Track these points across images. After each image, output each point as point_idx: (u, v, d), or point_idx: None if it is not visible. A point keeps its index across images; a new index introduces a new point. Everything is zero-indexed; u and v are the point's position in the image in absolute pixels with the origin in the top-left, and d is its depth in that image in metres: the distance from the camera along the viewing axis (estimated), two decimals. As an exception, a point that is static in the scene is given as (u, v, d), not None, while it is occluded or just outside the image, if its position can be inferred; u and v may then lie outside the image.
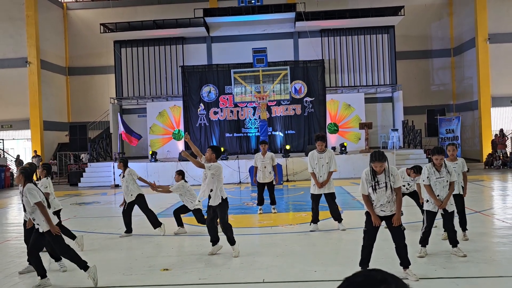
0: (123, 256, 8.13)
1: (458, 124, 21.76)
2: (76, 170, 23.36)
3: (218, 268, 7.05)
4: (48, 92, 28.32)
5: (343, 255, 7.46)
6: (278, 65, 23.64)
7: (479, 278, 6.19)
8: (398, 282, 1.16)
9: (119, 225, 11.33)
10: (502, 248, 7.67)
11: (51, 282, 6.52)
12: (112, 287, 6.34)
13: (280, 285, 6.19)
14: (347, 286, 1.15)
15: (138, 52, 27.48)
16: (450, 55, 29.23)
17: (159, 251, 8.23)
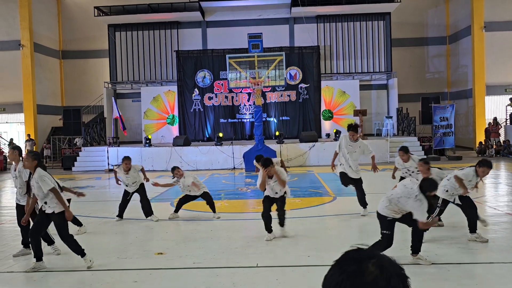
0: (118, 240, 8.16)
1: (452, 112, 21.83)
2: (69, 154, 23.28)
3: (213, 252, 7.09)
4: (42, 76, 28.10)
5: (337, 241, 7.53)
6: (274, 51, 23.53)
7: (470, 264, 6.28)
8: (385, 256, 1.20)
9: (114, 209, 11.35)
10: (493, 235, 7.76)
11: (45, 265, 6.55)
12: (107, 270, 6.38)
13: (273, 269, 6.25)
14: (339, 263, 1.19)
15: (132, 36, 27.27)
16: (445, 43, 29.21)
17: (153, 236, 8.27)
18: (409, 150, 9.55)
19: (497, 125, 23.74)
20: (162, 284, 5.80)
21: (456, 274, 5.83)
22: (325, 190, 13.28)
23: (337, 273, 1.15)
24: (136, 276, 6.10)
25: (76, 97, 29.55)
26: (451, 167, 18.14)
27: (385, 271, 1.13)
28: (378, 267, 1.13)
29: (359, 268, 1.13)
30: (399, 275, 1.14)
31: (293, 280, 5.81)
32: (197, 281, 5.85)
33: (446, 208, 8.08)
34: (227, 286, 5.66)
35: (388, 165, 19.37)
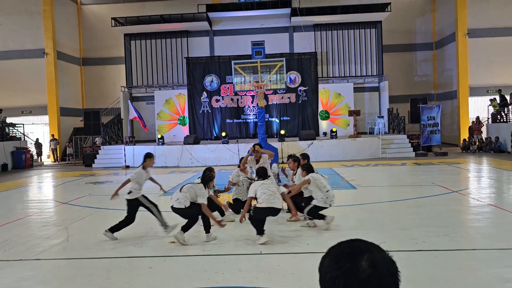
0: (134, 231, 8.19)
1: (439, 112, 21.77)
2: (90, 152, 23.35)
3: (220, 241, 7.12)
4: (64, 81, 28.18)
5: (333, 230, 7.54)
6: (275, 57, 23.50)
7: (455, 250, 6.27)
8: (379, 249, 1.19)
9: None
10: (476, 224, 7.76)
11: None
12: (124, 258, 6.41)
13: (275, 256, 6.27)
14: (335, 257, 1.18)
15: (146, 44, 27.29)
16: (432, 49, 29.11)
17: (166, 226, 8.28)
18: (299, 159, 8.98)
19: (480, 123, 23.66)
20: (174, 269, 5.83)
21: (442, 259, 5.83)
22: (322, 183, 13.26)
23: (333, 268, 1.15)
24: (151, 262, 6.14)
25: (95, 100, 29.62)
26: (438, 162, 18.14)
27: (377, 268, 1.12)
28: (371, 265, 1.12)
29: (354, 267, 1.12)
30: (390, 272, 1.14)
31: (294, 265, 5.83)
32: (206, 266, 5.88)
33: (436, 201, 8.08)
34: (233, 270, 5.68)
35: (380, 161, 19.38)
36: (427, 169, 16.19)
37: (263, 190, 7.08)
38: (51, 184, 16.68)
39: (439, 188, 11.51)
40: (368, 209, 9.27)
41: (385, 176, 15.52)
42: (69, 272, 5.93)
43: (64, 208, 10.92)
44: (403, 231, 7.26)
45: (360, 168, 17.49)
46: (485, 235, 7.00)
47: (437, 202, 9.76)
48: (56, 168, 22.69)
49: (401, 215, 8.60)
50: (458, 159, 19.12)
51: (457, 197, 10.31)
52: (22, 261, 6.44)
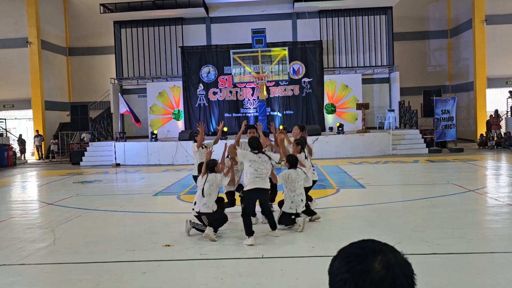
0: (126, 233, 8.20)
1: (454, 105, 21.75)
2: (77, 149, 23.36)
3: (219, 244, 7.13)
4: (49, 72, 28.15)
5: (340, 232, 7.55)
6: (277, 46, 23.48)
7: (471, 254, 6.28)
8: (393, 250, 1.19)
9: (122, 202, 11.43)
10: (495, 226, 7.77)
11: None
12: (115, 262, 6.43)
13: (278, 260, 6.29)
14: (346, 258, 1.18)
15: (138, 33, 27.25)
16: (447, 36, 29.04)
17: (161, 228, 8.31)
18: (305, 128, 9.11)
19: (498, 117, 23.64)
20: (169, 274, 5.84)
21: (458, 263, 5.85)
22: (328, 182, 13.30)
23: (343, 269, 1.15)
24: (145, 267, 6.15)
25: (83, 93, 29.60)
26: (453, 159, 18.15)
27: (391, 270, 1.12)
28: (384, 266, 1.12)
29: (366, 268, 1.13)
30: (405, 274, 1.14)
31: (297, 270, 5.84)
32: (204, 271, 5.90)
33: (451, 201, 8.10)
34: (233, 276, 5.70)
35: (391, 158, 19.39)
36: (441, 167, 16.20)
37: (252, 169, 7.11)
38: (36, 183, 16.71)
39: (455, 187, 11.52)
40: (378, 210, 9.28)
41: (396, 174, 15.53)
42: (56, 278, 5.95)
43: (50, 209, 10.93)
44: (416, 233, 7.27)
45: (369, 165, 17.50)
46: (504, 237, 7.01)
47: (452, 202, 9.77)
48: (41, 167, 22.71)
49: (413, 216, 8.61)
50: (475, 156, 19.12)
51: (474, 197, 10.32)
52: (5, 266, 6.45)
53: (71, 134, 26.53)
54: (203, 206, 7.34)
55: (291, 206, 7.64)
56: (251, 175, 7.11)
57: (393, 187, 12.95)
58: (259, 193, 7.19)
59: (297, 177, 7.71)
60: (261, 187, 7.12)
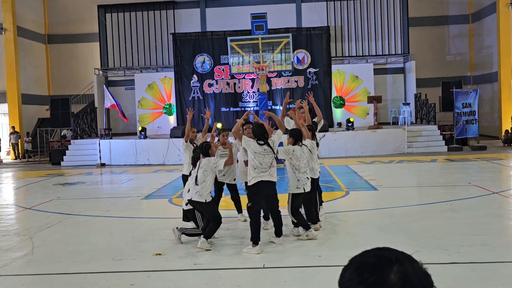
0: (112, 240, 8.21)
1: (476, 97, 21.73)
2: (58, 147, 23.36)
3: (215, 252, 7.13)
4: (26, 62, 28.13)
5: (350, 239, 7.55)
6: (279, 33, 23.46)
7: (496, 263, 6.28)
8: (410, 260, 1.19)
9: (107, 207, 11.44)
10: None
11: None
12: (101, 273, 6.44)
13: (281, 271, 6.29)
14: (358, 268, 1.18)
15: (124, 18, 27.21)
16: (468, 22, 29.00)
17: (151, 235, 8.31)
18: None
19: (525, 111, 23.63)
20: (160, 286, 5.85)
21: (480, 274, 5.85)
22: (336, 184, 13.31)
23: (355, 280, 1.15)
24: (133, 278, 6.16)
25: (64, 85, 29.56)
26: (475, 158, 18.15)
27: (408, 282, 1.12)
28: (401, 278, 1.12)
29: (380, 279, 1.12)
30: (423, 286, 1.14)
31: (303, 281, 5.85)
32: (198, 283, 5.90)
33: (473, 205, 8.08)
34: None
35: (406, 157, 19.40)
36: (462, 166, 16.20)
37: (256, 162, 7.11)
38: (12, 185, 16.72)
39: (477, 188, 11.52)
40: (391, 214, 9.28)
41: (411, 175, 15.54)
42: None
43: (28, 214, 10.94)
44: (434, 240, 7.27)
45: (381, 165, 17.50)
46: (532, 245, 7.02)
47: (474, 206, 9.78)
48: (18, 167, 22.73)
49: (431, 221, 8.62)
50: (499, 154, 19.12)
51: (498, 200, 10.33)
52: (-22, 277, 6.46)
53: (50, 131, 26.51)
54: (196, 194, 7.29)
55: (298, 185, 7.58)
56: (255, 169, 7.11)
57: (409, 189, 12.96)
58: (266, 186, 7.17)
59: (302, 154, 7.66)
60: (267, 180, 7.13)
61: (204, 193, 7.29)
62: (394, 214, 9.29)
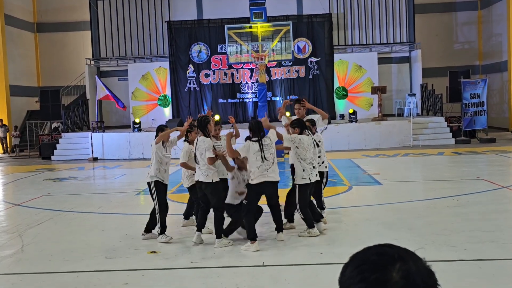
0: (105, 238, 8.23)
1: (485, 87, 21.72)
2: (48, 141, 23.34)
3: (212, 250, 7.14)
4: (14, 52, 28.05)
5: (353, 235, 7.57)
6: (279, 20, 23.37)
7: (504, 260, 6.31)
8: (413, 257, 1.19)
9: (100, 203, 11.46)
10: (531, 227, 7.80)
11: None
12: (93, 272, 6.45)
13: (281, 269, 6.31)
14: (359, 266, 1.19)
15: (117, 5, 27.11)
16: (476, 8, 28.95)
17: (145, 232, 8.32)
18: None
19: (536, 102, 23.64)
20: (156, 286, 5.87)
21: (489, 271, 5.87)
22: (339, 178, 13.33)
23: (356, 278, 1.15)
24: (127, 277, 6.18)
25: (54, 76, 29.51)
26: (483, 151, 18.17)
27: (411, 281, 1.12)
28: (403, 276, 1.12)
29: (382, 277, 1.13)
30: (427, 284, 1.14)
31: (304, 280, 5.87)
32: (195, 282, 5.92)
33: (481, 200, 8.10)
34: (229, 287, 5.72)
35: (412, 150, 19.42)
36: (470, 160, 16.23)
37: (259, 162, 7.13)
38: (0, 181, 16.72)
39: (485, 183, 11.55)
40: (396, 210, 9.31)
41: (417, 169, 15.57)
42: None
43: (17, 210, 10.96)
44: (440, 237, 7.30)
45: (386, 159, 17.52)
46: (542, 241, 7.04)
47: (482, 201, 9.80)
48: (6, 161, 22.72)
49: (437, 217, 8.64)
50: (509, 147, 19.13)
51: (508, 194, 10.35)
52: (-34, 276, 6.48)
53: (40, 124, 26.49)
54: (202, 174, 7.30)
55: (304, 175, 7.59)
56: (258, 167, 7.12)
57: (414, 183, 12.98)
58: (267, 187, 7.22)
59: (309, 144, 7.68)
60: (270, 180, 7.18)
61: (210, 173, 7.27)
62: (399, 210, 9.31)
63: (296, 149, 7.56)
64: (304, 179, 7.54)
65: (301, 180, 7.57)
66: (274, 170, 7.25)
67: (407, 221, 8.39)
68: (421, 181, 13.53)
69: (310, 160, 7.64)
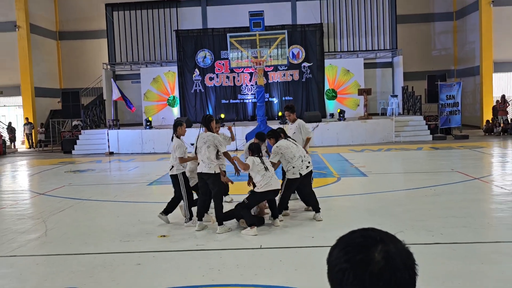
0: (120, 223, 8.24)
1: (459, 90, 21.70)
2: (69, 137, 23.32)
3: (215, 234, 7.16)
4: (39, 58, 27.99)
5: (341, 221, 7.58)
6: (275, 29, 23.30)
7: (476, 243, 6.32)
8: (393, 240, 1.19)
9: (115, 192, 11.46)
10: (500, 214, 7.81)
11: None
12: (109, 253, 6.46)
13: (277, 251, 6.32)
14: (345, 247, 1.19)
15: (130, 16, 27.06)
16: (452, 19, 28.90)
17: (156, 218, 8.31)
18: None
19: (505, 103, 23.60)
20: (165, 266, 5.87)
21: (461, 253, 5.89)
22: (329, 171, 13.33)
23: (342, 259, 1.16)
24: (139, 258, 6.18)
25: (74, 79, 29.46)
26: (458, 146, 18.17)
27: (391, 261, 1.12)
28: (385, 257, 1.13)
29: (365, 258, 1.13)
30: (405, 265, 1.14)
31: (297, 260, 5.87)
32: (200, 262, 5.93)
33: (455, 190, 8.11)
34: (230, 267, 5.73)
35: (394, 145, 19.41)
36: (445, 154, 16.23)
37: (262, 172, 7.24)
38: (27, 173, 16.72)
39: (459, 175, 11.56)
40: (380, 199, 9.32)
41: (398, 162, 15.57)
42: (48, 270, 5.98)
43: (42, 199, 10.96)
44: (419, 222, 7.31)
45: (371, 153, 17.52)
46: (509, 226, 7.06)
47: (456, 190, 9.81)
48: (32, 155, 22.70)
49: (416, 205, 8.65)
50: (481, 143, 19.14)
51: (479, 185, 10.36)
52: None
53: (62, 122, 26.45)
54: (205, 167, 7.26)
55: (294, 172, 7.63)
56: (263, 177, 7.20)
57: (396, 175, 12.99)
58: (270, 194, 7.35)
59: (288, 144, 7.77)
60: (274, 189, 7.30)
61: (213, 166, 7.26)
62: (382, 198, 9.32)
63: (282, 155, 7.66)
64: (294, 174, 7.66)
65: (291, 175, 7.67)
66: (276, 180, 7.35)
67: (389, 208, 8.41)
68: (402, 173, 13.54)
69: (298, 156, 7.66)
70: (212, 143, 7.29)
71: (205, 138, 7.35)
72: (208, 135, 7.39)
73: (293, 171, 7.61)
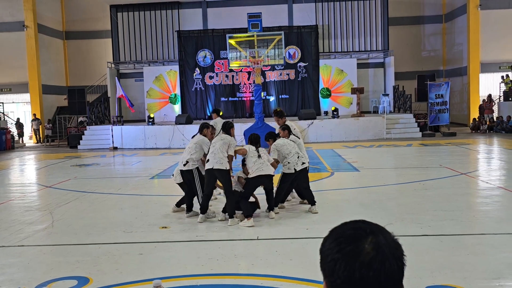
0: (123, 215, 8.23)
1: (447, 89, 21.73)
2: (75, 133, 23.27)
3: (215, 226, 7.16)
4: (46, 56, 27.89)
5: (334, 214, 7.58)
6: (273, 30, 23.25)
7: (462, 235, 6.34)
8: (383, 231, 1.19)
9: (119, 185, 11.44)
10: (485, 208, 7.83)
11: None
12: (113, 244, 6.45)
13: (273, 242, 6.33)
14: (337, 239, 1.18)
15: (134, 17, 26.97)
16: (441, 21, 28.89)
17: (158, 211, 8.32)
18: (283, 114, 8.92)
19: (491, 102, 23.66)
20: (166, 255, 5.87)
21: (449, 244, 5.90)
22: (323, 166, 13.33)
23: (334, 250, 1.15)
24: (141, 249, 6.18)
25: (80, 77, 29.39)
26: (446, 143, 18.20)
27: (380, 252, 1.12)
28: (374, 248, 1.13)
29: (356, 248, 1.13)
30: (394, 255, 1.14)
31: (292, 251, 5.88)
32: (199, 253, 5.93)
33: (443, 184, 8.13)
34: (228, 257, 5.73)
35: (385, 142, 19.43)
36: (434, 150, 16.26)
37: (253, 155, 7.33)
38: (34, 166, 16.68)
39: (447, 170, 11.58)
40: (371, 193, 9.33)
41: (389, 158, 15.59)
42: (55, 259, 5.97)
43: (48, 192, 10.93)
44: (408, 215, 7.32)
45: (363, 149, 17.54)
46: (494, 219, 7.08)
47: (444, 185, 9.83)
48: (39, 150, 22.65)
49: (406, 199, 8.66)
50: (467, 140, 19.18)
51: (466, 180, 10.38)
52: (4, 247, 6.47)
53: (68, 118, 26.39)
54: (217, 162, 7.25)
55: (289, 167, 7.64)
56: (255, 164, 7.26)
57: (387, 170, 13.01)
58: (264, 179, 7.32)
59: (284, 141, 7.83)
60: (265, 174, 7.28)
61: (224, 161, 7.29)
62: (373, 192, 9.33)
63: (279, 152, 7.68)
64: (289, 169, 7.66)
65: (287, 170, 7.69)
66: (268, 166, 7.35)
67: (381, 202, 8.42)
68: (393, 168, 13.56)
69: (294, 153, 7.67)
70: (228, 142, 7.43)
71: (224, 138, 7.50)
72: (227, 136, 7.57)
73: (288, 166, 7.64)
